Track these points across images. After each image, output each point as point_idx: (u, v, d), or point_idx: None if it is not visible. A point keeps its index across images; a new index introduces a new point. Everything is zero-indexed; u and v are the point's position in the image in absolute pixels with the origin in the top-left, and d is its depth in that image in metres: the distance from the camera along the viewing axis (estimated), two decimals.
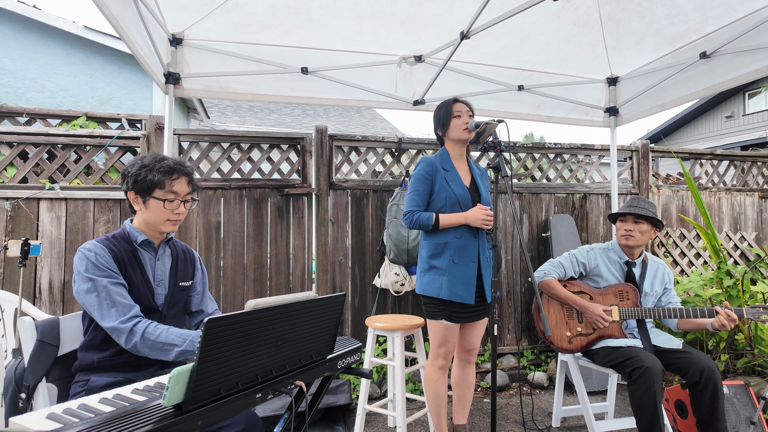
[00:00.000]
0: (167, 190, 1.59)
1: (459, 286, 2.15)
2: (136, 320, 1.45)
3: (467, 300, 2.15)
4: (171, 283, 1.69)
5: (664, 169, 11.69)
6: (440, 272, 2.17)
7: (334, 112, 10.89)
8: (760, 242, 4.53)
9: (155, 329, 1.44)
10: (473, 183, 2.32)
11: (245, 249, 3.36)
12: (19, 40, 5.90)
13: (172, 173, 1.60)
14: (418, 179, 2.23)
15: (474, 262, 2.18)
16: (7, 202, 2.98)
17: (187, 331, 1.47)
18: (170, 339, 1.43)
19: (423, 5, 2.52)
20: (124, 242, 1.61)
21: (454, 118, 2.27)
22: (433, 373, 2.26)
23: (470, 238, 2.19)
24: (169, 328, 1.46)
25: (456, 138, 2.28)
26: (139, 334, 1.42)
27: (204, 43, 2.83)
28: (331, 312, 1.39)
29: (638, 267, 2.52)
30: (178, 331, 1.45)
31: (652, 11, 2.61)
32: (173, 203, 1.61)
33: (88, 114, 3.24)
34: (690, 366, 2.18)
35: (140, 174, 1.58)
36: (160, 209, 1.60)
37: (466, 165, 2.37)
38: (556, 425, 2.87)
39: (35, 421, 0.97)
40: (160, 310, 1.63)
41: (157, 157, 1.62)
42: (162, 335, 1.43)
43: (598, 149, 4.10)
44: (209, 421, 1.05)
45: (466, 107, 2.30)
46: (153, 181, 1.58)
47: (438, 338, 2.22)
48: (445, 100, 2.37)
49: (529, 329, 3.89)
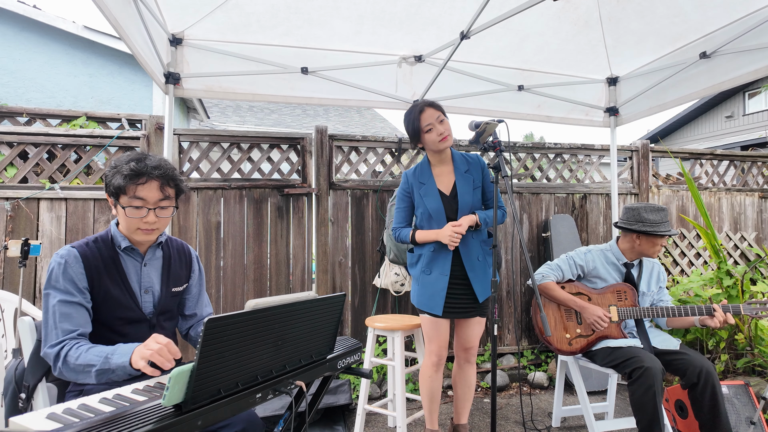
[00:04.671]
0: (131, 195, 1.42)
1: (426, 297, 2.23)
2: (62, 344, 1.32)
3: (435, 311, 2.21)
4: (162, 290, 1.58)
5: (664, 169, 11.68)
6: (416, 282, 2.31)
7: (334, 112, 10.89)
8: (760, 242, 4.53)
9: (76, 350, 1.30)
10: (454, 188, 2.27)
11: (245, 249, 3.36)
12: (19, 40, 5.90)
13: (138, 177, 1.41)
14: (399, 197, 2.35)
15: (445, 275, 2.20)
16: (7, 202, 2.98)
17: (108, 347, 1.29)
18: (88, 359, 1.27)
19: (423, 5, 2.52)
20: (105, 247, 1.49)
21: (426, 134, 2.19)
22: (427, 369, 2.30)
23: (443, 252, 2.22)
24: (91, 347, 1.30)
25: (435, 150, 2.23)
26: (62, 359, 1.29)
27: (204, 43, 2.83)
28: (331, 312, 1.39)
29: (635, 268, 2.53)
30: (98, 349, 1.29)
31: (652, 11, 2.61)
32: (140, 211, 1.43)
33: (88, 114, 3.24)
34: (687, 368, 2.18)
35: (108, 175, 1.44)
36: (124, 217, 1.44)
37: (448, 166, 2.30)
38: (556, 425, 2.87)
39: (35, 421, 0.97)
40: (149, 319, 1.53)
41: (131, 156, 1.45)
42: (81, 356, 1.28)
43: (598, 149, 4.10)
44: (209, 421, 1.05)
45: (436, 113, 2.18)
46: (116, 185, 1.42)
47: (426, 332, 2.28)
48: (411, 107, 2.26)
49: (529, 329, 3.89)
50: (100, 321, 1.46)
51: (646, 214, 2.38)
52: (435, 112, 2.19)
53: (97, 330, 1.46)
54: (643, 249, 2.42)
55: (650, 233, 2.36)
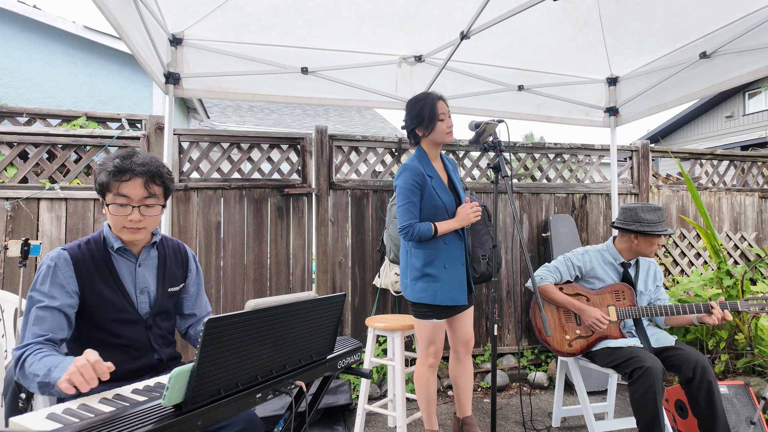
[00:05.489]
0: (115, 192, 1.40)
1: (453, 290, 2.19)
2: (26, 348, 1.28)
3: (461, 302, 2.19)
4: (158, 290, 1.56)
5: (664, 169, 11.69)
6: (433, 279, 2.16)
7: (334, 112, 10.89)
8: (760, 242, 4.53)
9: (33, 357, 1.24)
10: (450, 181, 2.30)
11: (245, 249, 3.36)
12: (19, 40, 5.90)
13: (122, 174, 1.40)
14: (409, 190, 2.14)
15: (462, 265, 2.21)
16: (7, 202, 2.98)
17: (57, 359, 1.23)
18: (35, 369, 1.21)
19: (423, 5, 2.52)
20: (98, 248, 1.47)
21: (440, 121, 2.19)
22: (424, 371, 2.26)
23: (457, 242, 2.21)
24: (46, 356, 1.24)
25: (439, 141, 2.23)
26: (20, 363, 1.26)
27: (204, 43, 2.83)
28: (331, 312, 1.39)
29: (633, 267, 2.53)
30: (49, 359, 1.23)
31: (652, 11, 2.61)
32: (124, 208, 1.41)
33: (88, 114, 3.24)
34: (683, 363, 2.19)
35: (96, 173, 1.43)
36: (110, 215, 1.43)
37: (441, 163, 2.32)
38: (556, 425, 2.86)
39: (35, 421, 0.97)
40: (145, 319, 1.52)
41: (118, 153, 1.43)
42: (33, 364, 1.23)
43: (598, 149, 4.10)
44: (209, 421, 1.05)
45: (447, 107, 2.25)
46: (100, 182, 1.41)
47: (427, 337, 2.22)
48: (422, 94, 2.25)
49: (529, 329, 3.89)
50: (94, 323, 1.46)
51: (644, 214, 2.39)
52: (446, 105, 2.25)
53: (92, 332, 1.46)
54: (640, 249, 2.43)
55: (647, 233, 2.37)
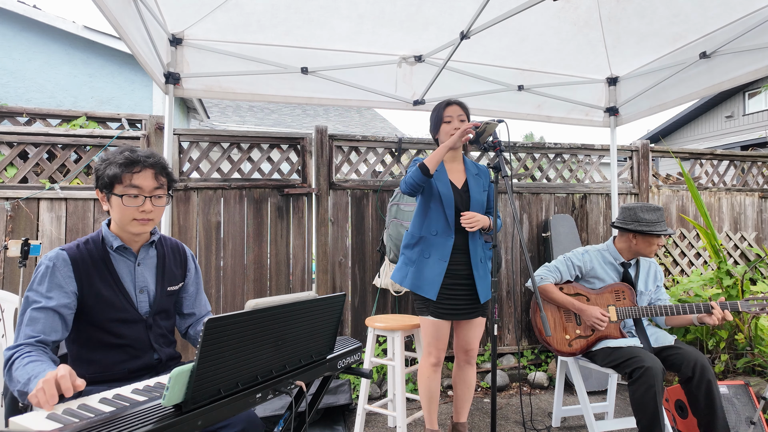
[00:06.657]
0: (127, 184, 1.43)
1: (422, 280, 2.20)
2: (16, 349, 1.27)
3: (428, 295, 2.19)
4: (157, 289, 1.57)
5: (664, 169, 11.69)
6: (410, 263, 2.26)
7: (334, 112, 10.88)
8: (760, 242, 4.53)
9: (21, 360, 1.23)
10: (465, 184, 2.31)
11: (245, 249, 3.36)
12: (19, 40, 5.90)
13: (133, 165, 1.43)
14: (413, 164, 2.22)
15: (444, 261, 2.20)
16: (7, 202, 2.98)
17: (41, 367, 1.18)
18: (18, 374, 1.19)
19: (423, 5, 2.52)
20: (96, 248, 1.47)
21: (444, 124, 2.27)
22: (425, 369, 2.29)
23: (446, 238, 2.21)
24: (31, 362, 1.21)
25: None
26: (8, 365, 1.25)
27: (204, 43, 2.83)
28: (331, 312, 1.39)
29: (633, 267, 2.53)
30: (32, 366, 1.20)
31: (652, 11, 2.61)
32: (136, 199, 1.44)
33: (88, 114, 3.24)
34: (682, 361, 2.19)
35: (100, 168, 1.45)
36: (121, 207, 1.44)
37: (460, 165, 2.35)
38: (556, 425, 2.87)
39: (35, 421, 0.97)
40: (145, 319, 1.53)
41: (122, 149, 1.47)
42: (18, 370, 1.21)
43: (598, 149, 4.10)
44: (209, 421, 1.05)
45: (459, 110, 2.27)
46: (110, 175, 1.42)
47: (428, 335, 2.26)
48: (441, 101, 2.35)
49: (529, 329, 3.89)
50: (94, 323, 1.45)
51: (643, 213, 2.39)
52: (459, 109, 2.28)
53: (92, 332, 1.46)
54: (639, 248, 2.43)
55: (647, 233, 2.37)
